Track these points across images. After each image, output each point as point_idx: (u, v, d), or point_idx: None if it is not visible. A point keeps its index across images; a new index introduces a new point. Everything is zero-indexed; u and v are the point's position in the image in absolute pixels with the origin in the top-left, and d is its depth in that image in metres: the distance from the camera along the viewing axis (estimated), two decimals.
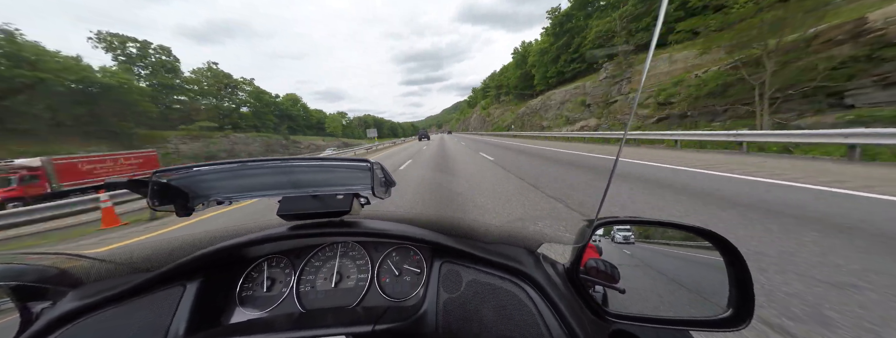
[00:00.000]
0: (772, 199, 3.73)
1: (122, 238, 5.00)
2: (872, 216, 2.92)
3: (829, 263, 2.13)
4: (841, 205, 3.33)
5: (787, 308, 1.69)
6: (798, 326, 1.55)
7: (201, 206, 0.63)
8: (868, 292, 1.77)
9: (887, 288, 1.78)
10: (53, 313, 0.53)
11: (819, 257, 2.21)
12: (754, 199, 3.77)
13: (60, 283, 0.60)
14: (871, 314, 1.59)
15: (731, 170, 5.84)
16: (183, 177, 0.59)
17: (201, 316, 0.57)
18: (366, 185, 0.63)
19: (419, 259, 0.69)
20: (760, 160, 6.94)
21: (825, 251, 2.29)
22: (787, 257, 2.25)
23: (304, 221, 0.67)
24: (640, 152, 10.10)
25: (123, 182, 0.59)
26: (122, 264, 0.68)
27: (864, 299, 1.72)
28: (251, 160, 0.59)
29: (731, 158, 7.51)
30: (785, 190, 4.13)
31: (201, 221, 5.43)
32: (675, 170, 6.24)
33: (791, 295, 1.80)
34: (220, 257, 0.61)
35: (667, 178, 5.48)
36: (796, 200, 3.63)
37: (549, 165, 8.26)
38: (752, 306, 0.51)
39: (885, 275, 1.92)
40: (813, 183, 4.38)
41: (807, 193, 3.87)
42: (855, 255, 2.21)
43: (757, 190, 4.21)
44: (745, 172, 5.46)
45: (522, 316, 0.54)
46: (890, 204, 3.28)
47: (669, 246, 0.69)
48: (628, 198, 4.28)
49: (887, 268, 2.01)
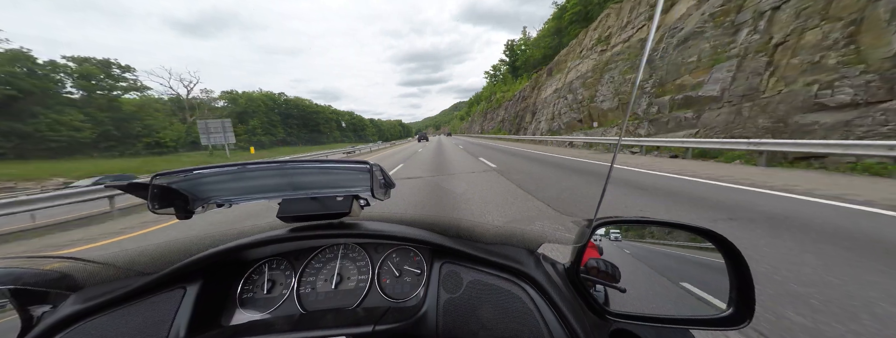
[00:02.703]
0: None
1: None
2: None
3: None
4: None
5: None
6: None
7: (201, 208, 0.63)
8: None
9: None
10: (54, 317, 0.53)
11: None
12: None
13: (61, 286, 0.60)
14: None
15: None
16: (183, 180, 0.59)
17: (202, 318, 0.57)
18: (365, 187, 0.63)
19: (419, 260, 0.69)
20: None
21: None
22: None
23: (304, 224, 0.67)
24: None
25: (123, 185, 0.59)
26: (123, 268, 0.68)
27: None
28: (251, 163, 0.59)
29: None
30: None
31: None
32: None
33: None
34: (220, 259, 0.61)
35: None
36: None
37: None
38: (752, 305, 0.52)
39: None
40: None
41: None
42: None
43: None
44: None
45: (523, 316, 0.54)
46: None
47: (670, 246, 0.69)
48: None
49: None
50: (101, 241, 4.66)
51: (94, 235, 5.10)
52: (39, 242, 4.98)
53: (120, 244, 4.47)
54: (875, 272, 2.05)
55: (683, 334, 0.62)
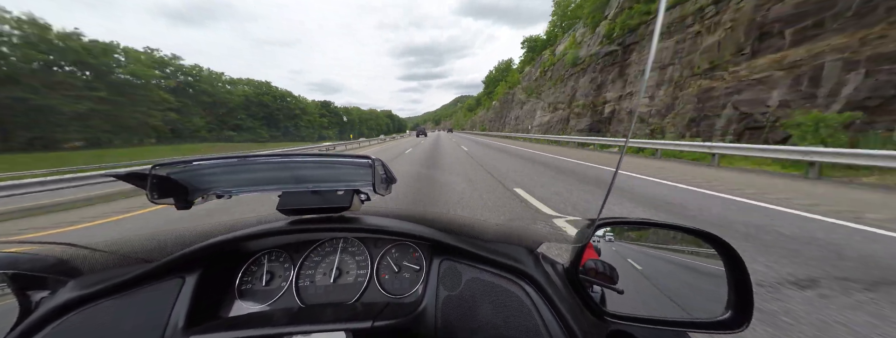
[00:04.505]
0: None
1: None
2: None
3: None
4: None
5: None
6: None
7: (201, 199, 0.63)
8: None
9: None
10: (53, 303, 0.53)
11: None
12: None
13: (59, 272, 0.60)
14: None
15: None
16: (182, 170, 0.59)
17: (200, 308, 0.57)
18: (367, 181, 0.63)
19: (419, 256, 0.69)
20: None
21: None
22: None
23: (304, 217, 0.67)
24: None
25: (122, 174, 0.58)
26: (122, 255, 0.68)
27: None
28: (252, 155, 0.59)
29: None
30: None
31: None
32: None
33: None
34: (219, 249, 0.61)
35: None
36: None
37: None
38: (750, 308, 0.52)
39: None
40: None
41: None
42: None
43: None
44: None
45: (521, 315, 0.54)
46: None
47: (668, 248, 0.69)
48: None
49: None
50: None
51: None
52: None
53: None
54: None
55: (681, 336, 0.62)
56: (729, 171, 7.57)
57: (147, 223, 4.66)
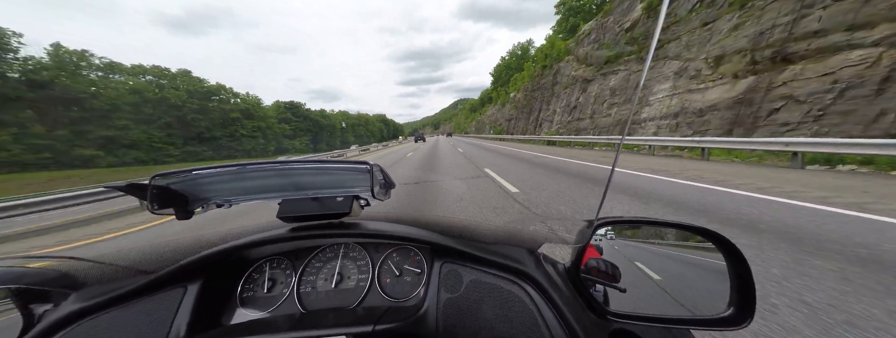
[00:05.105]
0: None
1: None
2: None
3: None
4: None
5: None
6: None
7: (201, 209, 0.63)
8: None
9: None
10: (55, 315, 0.53)
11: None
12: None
13: (62, 285, 0.60)
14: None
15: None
16: (182, 181, 0.59)
17: (202, 317, 0.57)
18: (365, 187, 0.63)
19: (420, 259, 0.69)
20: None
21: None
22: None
23: (305, 223, 0.67)
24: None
25: (122, 185, 0.59)
26: (123, 267, 0.68)
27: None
28: (251, 163, 0.60)
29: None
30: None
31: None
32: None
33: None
34: (221, 258, 0.61)
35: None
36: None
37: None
38: (753, 305, 0.51)
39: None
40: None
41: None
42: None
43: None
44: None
45: (523, 316, 0.54)
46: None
47: (670, 246, 0.69)
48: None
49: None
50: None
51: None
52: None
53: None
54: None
55: (683, 334, 0.62)
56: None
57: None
